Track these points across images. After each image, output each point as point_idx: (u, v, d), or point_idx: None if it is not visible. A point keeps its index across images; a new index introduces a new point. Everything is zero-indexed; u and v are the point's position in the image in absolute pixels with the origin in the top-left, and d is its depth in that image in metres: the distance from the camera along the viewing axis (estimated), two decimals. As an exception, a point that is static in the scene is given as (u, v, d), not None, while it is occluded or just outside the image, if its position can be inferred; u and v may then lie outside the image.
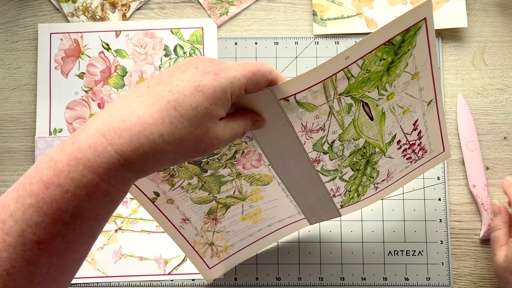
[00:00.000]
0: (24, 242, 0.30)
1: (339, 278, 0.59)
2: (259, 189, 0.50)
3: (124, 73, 0.63)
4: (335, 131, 0.46)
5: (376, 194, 0.55)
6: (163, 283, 0.59)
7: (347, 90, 0.43)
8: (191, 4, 0.64)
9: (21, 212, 0.30)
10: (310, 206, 0.53)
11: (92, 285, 0.59)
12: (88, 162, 0.31)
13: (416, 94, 0.47)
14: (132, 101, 0.33)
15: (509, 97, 0.62)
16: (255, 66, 0.36)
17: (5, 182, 0.61)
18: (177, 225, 0.49)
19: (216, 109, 0.34)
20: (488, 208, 0.59)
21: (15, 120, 0.62)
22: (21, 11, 0.64)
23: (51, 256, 0.31)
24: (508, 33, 0.63)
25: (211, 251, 0.53)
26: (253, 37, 0.63)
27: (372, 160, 0.51)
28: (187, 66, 0.34)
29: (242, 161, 0.46)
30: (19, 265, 0.30)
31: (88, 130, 0.32)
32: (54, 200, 0.30)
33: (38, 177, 0.31)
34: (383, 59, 0.41)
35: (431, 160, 0.56)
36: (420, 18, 0.41)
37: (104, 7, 0.64)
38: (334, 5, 0.64)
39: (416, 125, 0.51)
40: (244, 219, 0.52)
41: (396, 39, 0.41)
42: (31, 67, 0.63)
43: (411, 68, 0.44)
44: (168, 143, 0.32)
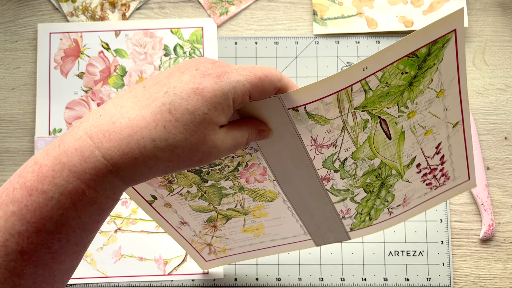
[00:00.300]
0: (7, 252, 0.28)
1: (340, 279, 0.59)
2: (263, 205, 0.46)
3: (124, 73, 0.63)
4: (348, 148, 0.42)
5: (390, 220, 0.51)
6: (163, 284, 0.59)
7: (364, 104, 0.38)
8: (191, 3, 0.64)
9: (4, 221, 0.29)
10: (317, 226, 0.49)
11: (92, 286, 0.59)
12: (73, 167, 0.29)
13: (440, 114, 0.43)
14: (125, 102, 0.31)
15: (509, 97, 0.62)
16: (262, 72, 0.33)
17: (4, 182, 0.61)
18: (175, 226, 0.48)
19: (216, 115, 0.31)
20: (488, 208, 0.59)
21: (14, 120, 0.62)
22: (21, 11, 0.64)
23: (36, 267, 0.29)
24: (508, 33, 0.63)
25: (209, 249, 0.52)
26: (253, 37, 0.63)
27: (388, 183, 0.46)
28: (187, 67, 0.32)
29: (245, 175, 0.43)
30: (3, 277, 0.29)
31: (76, 132, 0.30)
32: (38, 208, 0.28)
33: (22, 182, 0.29)
34: (405, 72, 0.37)
35: (453, 188, 0.50)
36: (450, 30, 0.37)
37: (103, 6, 0.64)
38: (334, 4, 0.63)
39: (439, 149, 0.46)
40: (246, 231, 0.50)
41: (421, 51, 0.36)
42: (31, 67, 0.63)
43: (436, 85, 0.40)
44: (160, 149, 0.29)
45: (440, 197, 0.51)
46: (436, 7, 0.62)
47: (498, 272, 0.59)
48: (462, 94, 0.42)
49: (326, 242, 0.52)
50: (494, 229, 0.59)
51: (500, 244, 0.60)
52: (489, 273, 0.59)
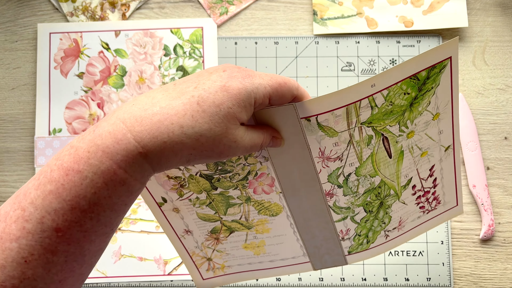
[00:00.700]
0: (44, 229, 0.30)
1: (340, 279, 0.59)
2: (267, 220, 0.48)
3: (124, 73, 0.63)
4: (353, 163, 0.45)
5: (386, 244, 0.53)
6: (163, 284, 0.59)
7: (370, 120, 0.42)
8: (191, 3, 0.64)
9: (41, 199, 0.31)
10: (316, 248, 0.51)
11: (92, 286, 0.59)
12: (106, 149, 0.31)
13: (435, 137, 0.47)
14: (157, 94, 0.34)
15: (509, 97, 0.62)
16: (282, 79, 0.36)
17: (4, 182, 0.61)
18: (179, 234, 0.49)
19: (239, 110, 0.34)
20: (488, 208, 0.59)
21: (14, 120, 0.62)
22: (21, 11, 0.64)
23: (68, 244, 0.31)
24: (509, 33, 0.63)
25: (208, 265, 0.52)
26: (253, 37, 0.63)
27: (386, 203, 0.49)
28: (215, 69, 0.35)
29: (253, 184, 0.45)
30: (38, 253, 0.30)
31: (110, 119, 0.33)
32: (73, 187, 0.31)
33: (59, 164, 0.31)
34: (408, 93, 0.41)
35: (443, 214, 0.54)
36: (446, 57, 0.41)
37: (103, 6, 0.64)
38: (334, 4, 0.63)
39: (432, 171, 0.50)
40: (246, 247, 0.51)
41: (422, 74, 0.41)
42: (31, 67, 0.63)
43: (433, 108, 0.44)
44: (187, 135, 0.32)
45: (431, 222, 0.54)
46: (436, 7, 0.62)
47: (498, 272, 0.59)
48: (454, 120, 0.46)
49: (324, 266, 0.53)
50: (494, 229, 0.59)
51: (500, 244, 0.60)
52: (489, 273, 0.59)
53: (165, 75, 0.62)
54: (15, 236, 0.30)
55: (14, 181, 0.61)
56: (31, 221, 0.30)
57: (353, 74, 0.62)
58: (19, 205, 0.31)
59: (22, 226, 0.30)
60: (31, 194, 0.31)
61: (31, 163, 0.61)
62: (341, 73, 0.62)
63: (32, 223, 0.30)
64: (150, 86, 0.62)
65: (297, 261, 0.53)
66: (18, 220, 0.31)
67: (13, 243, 0.30)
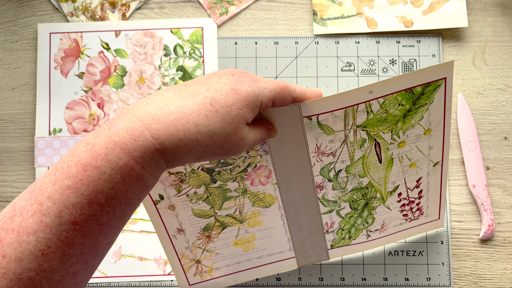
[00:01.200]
0: (61, 222, 0.31)
1: (339, 279, 0.59)
2: (259, 211, 0.50)
3: (124, 73, 0.63)
4: (344, 160, 0.48)
5: (367, 243, 0.56)
6: (163, 284, 0.59)
7: (364, 124, 0.45)
8: (191, 3, 0.64)
9: (59, 194, 0.32)
10: (302, 241, 0.53)
11: (92, 286, 0.59)
12: (124, 145, 0.32)
13: (425, 151, 0.49)
14: (169, 94, 0.36)
15: (509, 97, 0.62)
16: (283, 84, 0.40)
17: (4, 182, 0.61)
18: (171, 233, 0.49)
19: (247, 112, 0.36)
20: (488, 208, 0.59)
21: (14, 120, 0.62)
22: (21, 11, 0.64)
23: (84, 237, 0.32)
24: (509, 33, 0.63)
25: (196, 269, 0.53)
26: (253, 37, 0.63)
27: (371, 204, 0.52)
28: (224, 73, 0.38)
29: (252, 176, 0.47)
30: (55, 246, 0.31)
31: (125, 116, 0.34)
32: (91, 182, 0.32)
33: (76, 160, 0.32)
34: (402, 104, 0.44)
35: (424, 225, 0.57)
36: (441, 77, 0.43)
37: (103, 6, 0.64)
38: (334, 4, 0.63)
39: (419, 182, 0.53)
40: (236, 244, 0.53)
41: (417, 89, 0.43)
42: (31, 67, 0.63)
43: (425, 123, 0.47)
44: (201, 133, 0.34)
45: (412, 231, 0.57)
46: (436, 7, 0.62)
47: (498, 272, 0.59)
48: (445, 138, 0.49)
49: (307, 262, 0.56)
50: (494, 229, 0.59)
51: (500, 244, 0.60)
52: (489, 273, 0.59)
53: (165, 75, 0.62)
54: (33, 230, 0.31)
55: (14, 181, 0.61)
56: (49, 215, 0.31)
57: (353, 74, 0.62)
58: (35, 199, 0.32)
59: (40, 220, 0.31)
60: (48, 189, 0.32)
61: (31, 163, 0.61)
62: (341, 73, 0.62)
63: (50, 217, 0.31)
64: (150, 86, 0.62)
65: (283, 257, 0.55)
66: (36, 214, 0.31)
67: (30, 236, 0.31)
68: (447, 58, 0.63)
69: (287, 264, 0.56)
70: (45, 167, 0.61)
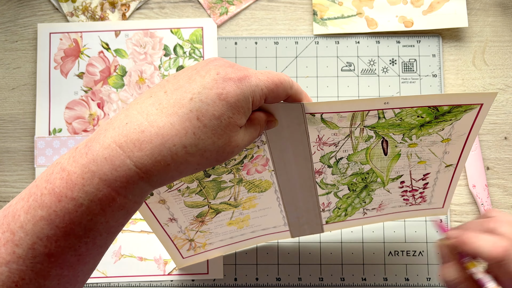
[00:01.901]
0: (35, 254, 0.29)
1: (339, 279, 0.59)
2: (255, 196, 0.49)
3: (124, 73, 0.63)
4: (346, 150, 0.45)
5: (363, 219, 0.55)
6: (163, 284, 0.59)
7: (373, 126, 0.42)
8: (190, 3, 0.64)
9: (32, 224, 0.29)
10: (297, 218, 0.52)
11: (92, 286, 0.59)
12: (104, 176, 0.29)
13: (439, 155, 0.46)
14: (150, 108, 0.31)
15: (509, 97, 0.62)
16: (278, 78, 0.35)
17: (4, 182, 0.61)
18: (163, 222, 0.48)
19: (239, 117, 0.33)
20: (488, 208, 0.59)
21: (14, 120, 0.62)
22: (21, 11, 0.64)
23: (61, 268, 0.30)
24: (509, 33, 0.63)
25: (189, 246, 0.53)
26: (253, 37, 0.63)
27: (370, 187, 0.50)
28: (207, 71, 0.33)
29: (248, 166, 0.45)
30: (29, 278, 0.29)
31: (103, 140, 0.30)
32: (67, 214, 0.29)
33: (50, 188, 0.30)
34: (422, 117, 0.40)
35: (426, 210, 0.55)
36: (478, 102, 0.40)
37: (103, 6, 0.64)
38: (334, 4, 0.63)
39: (426, 177, 0.50)
40: (231, 224, 0.51)
41: (443, 108, 0.39)
42: (31, 67, 0.63)
43: (445, 134, 0.43)
44: (191, 154, 0.31)
45: (411, 213, 0.55)
46: (436, 7, 0.62)
47: (498, 272, 0.59)
48: (465, 148, 0.45)
49: (301, 234, 0.55)
50: (494, 229, 0.59)
51: (500, 244, 0.60)
52: (489, 273, 0.59)
53: (165, 75, 0.62)
54: (5, 260, 0.29)
55: (14, 181, 0.61)
56: (22, 246, 0.29)
57: (353, 74, 0.62)
58: (8, 227, 0.30)
59: (12, 250, 0.29)
60: (20, 217, 0.30)
61: (31, 163, 0.61)
62: (341, 73, 0.62)
63: (23, 248, 0.29)
64: (150, 86, 0.62)
65: (277, 230, 0.54)
66: (8, 243, 0.29)
67: (2, 267, 0.29)
68: (447, 58, 0.63)
69: (281, 235, 0.55)
70: (45, 167, 0.61)
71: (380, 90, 0.62)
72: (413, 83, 0.62)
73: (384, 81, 0.62)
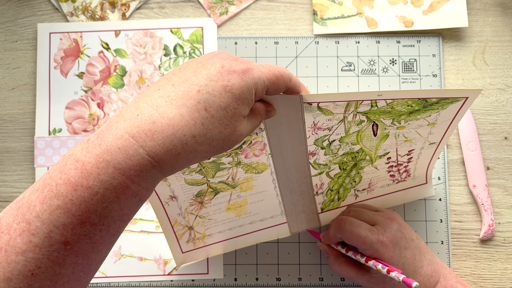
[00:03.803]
0: (51, 243, 0.30)
1: (340, 279, 0.59)
2: (252, 177, 0.50)
3: (124, 73, 0.63)
4: (339, 133, 0.48)
5: (355, 203, 0.57)
6: (163, 284, 0.59)
7: (366, 112, 0.45)
8: (190, 3, 0.64)
9: (48, 213, 0.30)
10: (293, 204, 0.54)
11: (92, 286, 0.59)
12: (118, 165, 0.31)
13: (424, 135, 0.50)
14: (159, 101, 0.33)
15: (510, 97, 0.62)
16: (278, 71, 0.37)
17: (4, 182, 0.61)
18: (164, 200, 0.50)
19: (243, 108, 0.35)
20: (489, 208, 0.59)
21: (14, 120, 0.62)
22: (20, 11, 0.64)
23: (77, 256, 0.31)
24: (509, 33, 0.63)
25: (189, 235, 0.54)
26: (253, 37, 0.63)
27: (359, 165, 0.53)
28: (212, 63, 0.34)
29: (246, 151, 0.47)
30: (45, 266, 0.30)
31: (115, 132, 0.32)
32: (83, 202, 0.30)
33: (65, 178, 0.31)
34: (411, 106, 0.44)
35: (412, 188, 0.58)
36: (464, 96, 0.43)
37: (103, 6, 0.64)
38: (334, 4, 0.63)
39: (410, 152, 0.53)
40: (229, 209, 0.53)
41: (432, 100, 0.43)
42: (31, 67, 0.63)
43: (431, 119, 0.47)
44: (200, 143, 0.33)
45: (400, 194, 0.58)
46: (436, 7, 0.62)
47: (498, 272, 0.59)
48: (448, 131, 0.49)
49: (299, 227, 0.56)
50: (494, 229, 0.59)
51: (500, 244, 0.60)
52: (489, 273, 0.59)
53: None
54: (21, 250, 0.30)
55: (14, 181, 0.61)
56: (38, 235, 0.30)
57: (353, 74, 0.62)
58: (23, 217, 0.30)
59: (29, 239, 0.30)
60: (36, 207, 0.30)
61: (31, 163, 0.61)
62: (341, 73, 0.62)
63: (39, 237, 0.30)
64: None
65: (275, 222, 0.56)
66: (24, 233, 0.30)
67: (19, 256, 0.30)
68: (447, 58, 0.63)
69: (280, 230, 0.56)
70: (44, 167, 0.61)
71: (380, 90, 0.62)
72: (413, 83, 0.62)
73: (384, 81, 0.62)
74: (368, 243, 0.49)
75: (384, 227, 0.51)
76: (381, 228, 0.51)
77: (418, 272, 0.51)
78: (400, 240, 0.50)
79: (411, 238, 0.52)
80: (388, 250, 0.49)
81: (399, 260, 0.50)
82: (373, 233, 0.50)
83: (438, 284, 0.51)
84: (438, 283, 0.51)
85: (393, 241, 0.50)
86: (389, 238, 0.50)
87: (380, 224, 0.51)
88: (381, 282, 0.51)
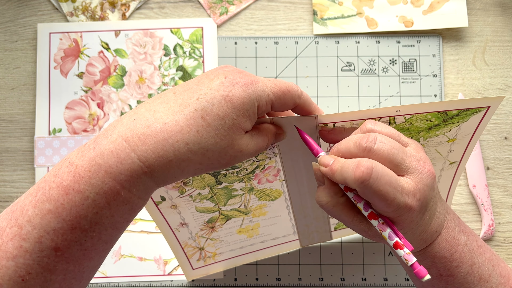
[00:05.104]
0: (42, 248, 0.30)
1: (340, 279, 0.59)
2: (265, 204, 0.49)
3: (124, 73, 0.63)
4: None
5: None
6: (163, 284, 0.59)
7: None
8: (190, 3, 0.64)
9: (40, 218, 0.30)
10: (306, 226, 0.53)
11: (92, 286, 0.59)
12: (109, 169, 0.30)
13: (444, 153, 0.47)
14: (158, 107, 0.32)
15: (509, 97, 0.62)
16: (286, 86, 0.35)
17: (4, 182, 0.61)
18: (174, 227, 0.49)
19: (243, 120, 0.33)
20: (489, 208, 0.59)
21: (14, 120, 0.62)
22: (21, 11, 0.64)
23: (67, 263, 0.30)
24: (509, 33, 0.63)
25: (199, 255, 0.53)
26: (253, 37, 0.63)
27: None
28: (216, 75, 0.34)
29: (259, 176, 0.46)
30: (35, 272, 0.30)
31: (110, 135, 0.31)
32: (74, 207, 0.30)
33: (58, 182, 0.30)
34: (431, 121, 0.42)
35: None
36: (485, 105, 0.41)
37: (103, 6, 0.64)
38: (334, 4, 0.63)
39: None
40: (241, 232, 0.52)
41: (452, 112, 0.41)
42: (31, 67, 0.63)
43: (451, 134, 0.44)
44: (193, 152, 0.31)
45: None
46: (436, 7, 0.62)
47: (498, 272, 0.59)
48: (469, 146, 0.46)
49: (310, 243, 0.55)
50: (494, 229, 0.59)
51: (500, 244, 0.60)
52: (489, 273, 0.59)
53: (165, 75, 0.62)
54: (12, 255, 0.29)
55: (14, 181, 0.61)
56: (29, 240, 0.30)
57: (353, 74, 0.62)
58: (15, 222, 0.30)
59: (19, 244, 0.30)
60: (28, 211, 0.30)
61: (31, 163, 0.61)
62: (341, 73, 0.62)
63: (30, 242, 0.30)
64: (150, 86, 0.62)
65: (286, 240, 0.55)
66: (15, 238, 0.30)
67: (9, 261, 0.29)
68: (447, 58, 0.63)
69: (291, 245, 0.55)
70: (44, 167, 0.61)
71: (380, 90, 0.62)
72: (413, 83, 0.62)
73: (384, 81, 0.62)
74: (394, 206, 0.34)
75: (416, 182, 0.35)
76: (412, 183, 0.35)
77: (426, 231, 0.39)
78: (429, 200, 0.37)
79: (438, 192, 0.40)
80: (411, 215, 0.36)
81: (416, 223, 0.37)
82: (403, 195, 0.34)
83: (439, 237, 0.40)
84: (439, 236, 0.40)
85: (422, 204, 0.36)
86: (420, 201, 0.35)
87: (412, 172, 0.36)
88: (378, 236, 0.38)
